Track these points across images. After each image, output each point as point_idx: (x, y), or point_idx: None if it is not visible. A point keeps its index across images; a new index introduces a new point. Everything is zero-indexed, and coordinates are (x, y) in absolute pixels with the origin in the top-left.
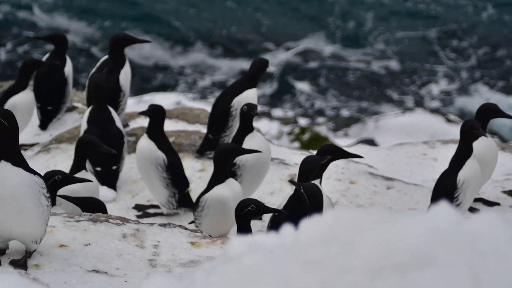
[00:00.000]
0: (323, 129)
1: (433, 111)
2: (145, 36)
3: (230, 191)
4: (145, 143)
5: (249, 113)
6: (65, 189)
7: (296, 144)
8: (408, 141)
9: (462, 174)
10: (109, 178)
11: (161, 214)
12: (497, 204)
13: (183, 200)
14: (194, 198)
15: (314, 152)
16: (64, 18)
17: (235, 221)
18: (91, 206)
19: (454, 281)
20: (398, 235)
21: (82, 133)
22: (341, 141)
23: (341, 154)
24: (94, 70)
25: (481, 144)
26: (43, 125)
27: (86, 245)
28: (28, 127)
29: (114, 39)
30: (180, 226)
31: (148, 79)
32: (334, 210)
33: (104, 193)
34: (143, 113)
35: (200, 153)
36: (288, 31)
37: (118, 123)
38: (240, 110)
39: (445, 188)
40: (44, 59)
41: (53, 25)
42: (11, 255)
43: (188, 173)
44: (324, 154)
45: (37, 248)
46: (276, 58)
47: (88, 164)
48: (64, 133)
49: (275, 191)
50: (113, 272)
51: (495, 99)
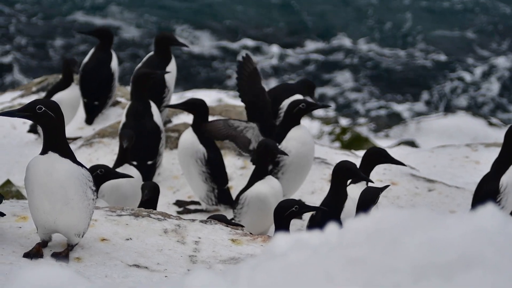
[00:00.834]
0: (364, 130)
1: (475, 114)
2: (190, 32)
3: (270, 189)
4: (188, 136)
5: (304, 110)
6: (108, 182)
7: (337, 144)
8: (451, 144)
9: (505, 179)
10: (145, 173)
11: (202, 211)
12: None
13: (222, 196)
14: (235, 195)
15: (357, 153)
16: (110, 13)
17: (274, 220)
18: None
19: (501, 284)
20: (444, 236)
21: (121, 127)
22: (382, 142)
23: (387, 160)
24: (140, 65)
25: None
26: (89, 120)
27: (128, 240)
28: (78, 123)
29: (160, 37)
30: (222, 223)
31: (190, 76)
32: (379, 210)
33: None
34: (181, 107)
35: None
36: (330, 30)
37: (157, 118)
38: (297, 107)
39: (487, 192)
40: (90, 54)
41: (99, 21)
42: (54, 248)
43: (229, 171)
44: (370, 158)
45: (79, 242)
46: (318, 57)
47: None
48: (107, 128)
49: (316, 190)
50: (154, 267)
51: None
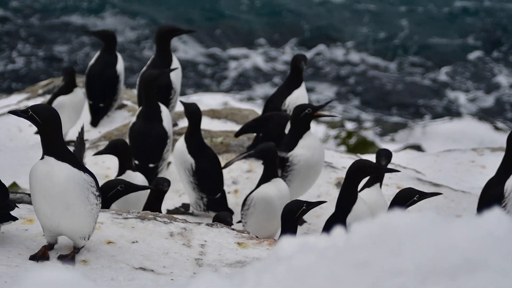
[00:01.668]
0: (370, 134)
1: (481, 119)
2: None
3: (276, 191)
4: (178, 145)
5: (311, 114)
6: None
7: (343, 148)
8: (457, 148)
9: (510, 183)
10: (145, 175)
11: (191, 214)
12: None
13: (212, 204)
14: (241, 198)
15: (363, 156)
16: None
17: (281, 223)
18: None
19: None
20: (450, 240)
21: (130, 126)
22: (388, 146)
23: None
24: (145, 68)
25: None
26: (94, 122)
27: (134, 243)
28: (77, 124)
29: (160, 32)
30: (227, 226)
31: (196, 79)
32: (385, 213)
33: None
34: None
35: None
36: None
37: (167, 124)
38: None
39: (492, 197)
40: (96, 56)
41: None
42: (60, 250)
43: (235, 174)
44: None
45: (85, 244)
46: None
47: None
48: (113, 131)
49: (322, 194)
50: (160, 270)
51: None
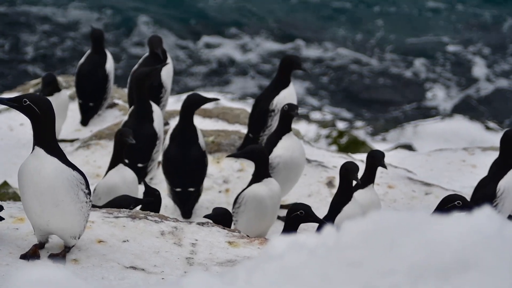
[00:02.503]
0: (361, 133)
1: (472, 118)
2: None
3: (268, 190)
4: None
5: (289, 113)
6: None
7: (334, 148)
8: (448, 147)
9: (503, 184)
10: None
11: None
12: None
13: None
14: (233, 198)
15: (354, 156)
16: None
17: (285, 221)
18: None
19: (497, 286)
20: (441, 238)
21: (122, 125)
22: (379, 146)
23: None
24: (136, 67)
25: None
26: (84, 121)
27: (124, 242)
28: (69, 123)
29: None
30: (218, 225)
31: (188, 78)
32: (376, 212)
33: None
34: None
35: None
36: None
37: (157, 124)
38: (281, 110)
39: (484, 196)
40: (85, 55)
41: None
42: (51, 249)
43: (227, 173)
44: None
45: (76, 243)
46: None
47: None
48: (104, 130)
49: (313, 193)
50: (151, 269)
51: None
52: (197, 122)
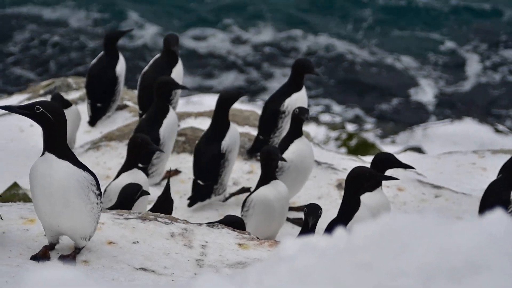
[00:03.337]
0: (371, 136)
1: (482, 121)
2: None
3: (275, 193)
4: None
5: (300, 117)
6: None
7: (343, 150)
8: (458, 150)
9: None
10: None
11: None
12: None
13: None
14: (242, 199)
15: (364, 158)
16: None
17: (303, 225)
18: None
19: None
20: (453, 241)
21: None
22: (388, 148)
23: (396, 165)
24: (147, 69)
25: None
26: (92, 122)
27: (135, 243)
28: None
29: (168, 39)
30: (228, 227)
31: (197, 80)
32: (387, 214)
33: None
34: None
35: (250, 154)
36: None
37: (163, 130)
38: (292, 113)
39: (497, 201)
40: (98, 56)
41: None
42: (61, 251)
43: (237, 175)
44: (379, 163)
45: (86, 245)
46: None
47: None
48: (114, 131)
49: (323, 196)
50: (161, 271)
51: None
52: (207, 124)
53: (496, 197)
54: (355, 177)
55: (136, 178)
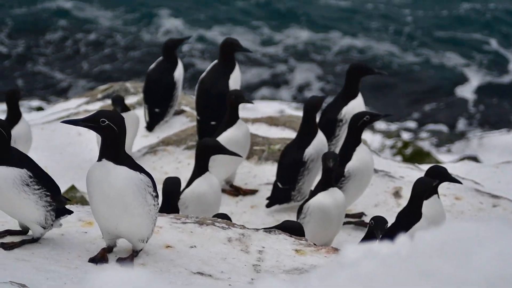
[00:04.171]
0: (426, 144)
1: None
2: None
3: (332, 200)
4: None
5: (360, 126)
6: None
7: (398, 158)
8: None
9: None
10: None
11: None
12: None
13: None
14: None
15: (420, 167)
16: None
17: (367, 230)
18: None
19: None
20: None
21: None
22: (444, 157)
23: (447, 178)
24: (204, 75)
25: None
26: (150, 127)
27: (192, 247)
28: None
29: (225, 44)
30: (285, 233)
31: (253, 87)
32: (450, 222)
33: None
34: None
35: None
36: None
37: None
38: (352, 120)
39: None
40: (156, 62)
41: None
42: (119, 253)
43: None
44: (433, 176)
45: (144, 248)
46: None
47: None
48: (172, 136)
49: (380, 203)
50: (218, 276)
51: None
52: (264, 130)
53: None
54: (422, 186)
55: (211, 182)
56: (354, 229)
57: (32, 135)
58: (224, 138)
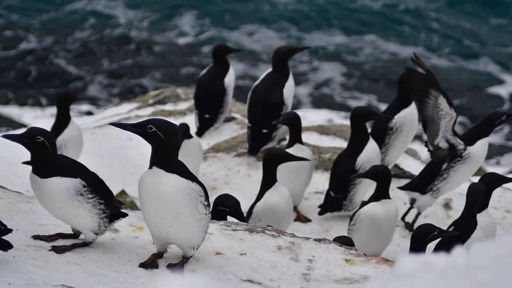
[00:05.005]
0: None
1: None
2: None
3: (384, 211)
4: None
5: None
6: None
7: None
8: None
9: None
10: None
11: None
12: None
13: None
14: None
15: (471, 178)
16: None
17: (410, 244)
18: None
19: None
20: None
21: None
22: (493, 170)
23: (504, 181)
24: (258, 83)
25: None
26: (200, 132)
27: (242, 255)
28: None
29: (278, 53)
30: (335, 242)
31: (300, 95)
32: (506, 235)
33: None
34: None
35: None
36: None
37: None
38: (496, 120)
39: None
40: (208, 67)
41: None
42: (169, 259)
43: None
44: (487, 183)
45: (194, 254)
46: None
47: None
48: (222, 143)
49: (429, 215)
50: (267, 283)
51: None
52: (314, 139)
53: None
54: (476, 193)
55: (282, 193)
56: (404, 240)
57: (83, 139)
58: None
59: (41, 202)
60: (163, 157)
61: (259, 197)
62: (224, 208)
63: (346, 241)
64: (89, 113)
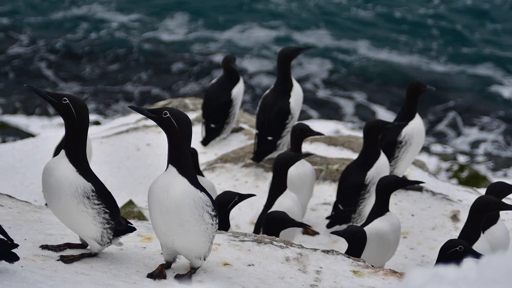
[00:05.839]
0: (482, 168)
1: None
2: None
3: (389, 225)
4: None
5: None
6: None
7: (454, 181)
8: None
9: None
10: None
11: None
12: None
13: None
14: None
15: (479, 190)
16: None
17: (439, 257)
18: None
19: None
20: None
21: None
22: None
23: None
24: (267, 93)
25: None
26: (205, 142)
27: (250, 266)
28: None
29: (283, 53)
30: (343, 254)
31: (308, 106)
32: None
33: None
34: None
35: None
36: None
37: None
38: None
39: None
40: (217, 78)
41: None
42: (177, 270)
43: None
44: (497, 193)
45: (202, 265)
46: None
47: None
48: (230, 153)
49: (437, 226)
50: None
51: None
52: (322, 150)
53: None
54: (480, 206)
55: (292, 197)
56: (411, 252)
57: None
58: None
59: (48, 199)
60: (177, 152)
61: (269, 204)
62: (229, 201)
63: (357, 230)
64: (97, 123)
